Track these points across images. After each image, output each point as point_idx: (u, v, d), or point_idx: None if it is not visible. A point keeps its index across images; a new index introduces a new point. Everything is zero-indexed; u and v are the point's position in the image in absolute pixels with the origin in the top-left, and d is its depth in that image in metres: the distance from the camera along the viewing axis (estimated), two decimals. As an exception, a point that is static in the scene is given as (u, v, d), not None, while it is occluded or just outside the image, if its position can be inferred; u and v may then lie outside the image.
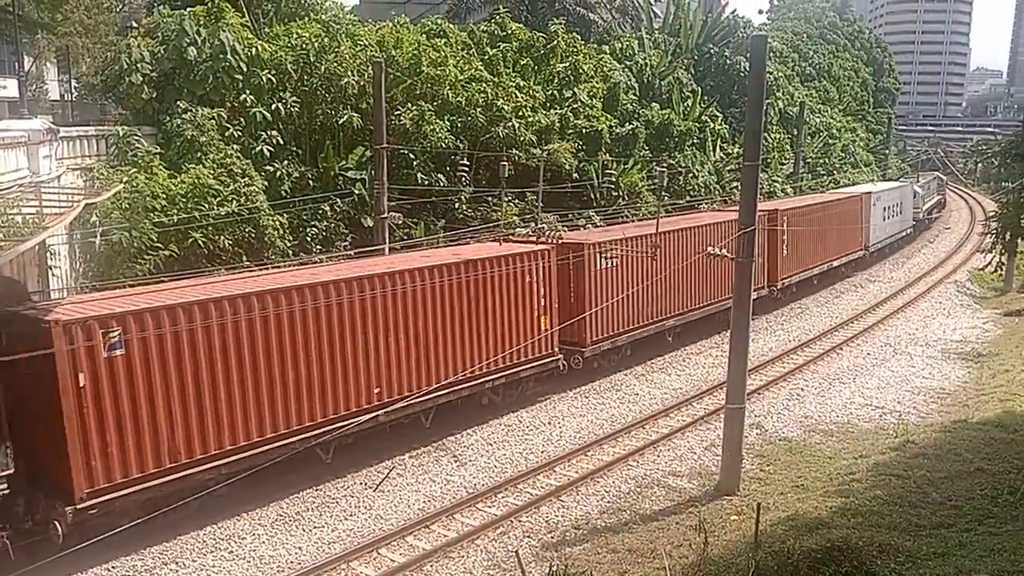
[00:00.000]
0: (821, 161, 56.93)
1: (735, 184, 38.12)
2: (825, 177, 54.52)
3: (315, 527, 14.42)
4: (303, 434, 15.18)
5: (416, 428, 18.01)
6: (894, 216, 45.93)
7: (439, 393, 17.51)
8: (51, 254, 17.24)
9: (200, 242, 20.23)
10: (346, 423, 15.69)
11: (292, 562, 13.24)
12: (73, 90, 41.74)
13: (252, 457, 14.39)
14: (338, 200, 24.31)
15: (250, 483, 14.37)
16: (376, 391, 16.40)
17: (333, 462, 16.38)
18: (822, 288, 35.87)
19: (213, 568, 13.08)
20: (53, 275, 17.50)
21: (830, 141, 60.26)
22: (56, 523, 12.31)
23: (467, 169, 27.29)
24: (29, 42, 37.25)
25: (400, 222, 23.46)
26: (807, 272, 33.70)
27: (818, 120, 60.37)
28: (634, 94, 37.85)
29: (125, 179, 19.83)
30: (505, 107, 28.52)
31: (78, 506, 12.36)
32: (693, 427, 19.20)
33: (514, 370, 19.57)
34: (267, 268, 19.37)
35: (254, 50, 24.27)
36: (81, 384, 12.34)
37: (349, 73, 25.34)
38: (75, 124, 28.38)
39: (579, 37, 37.19)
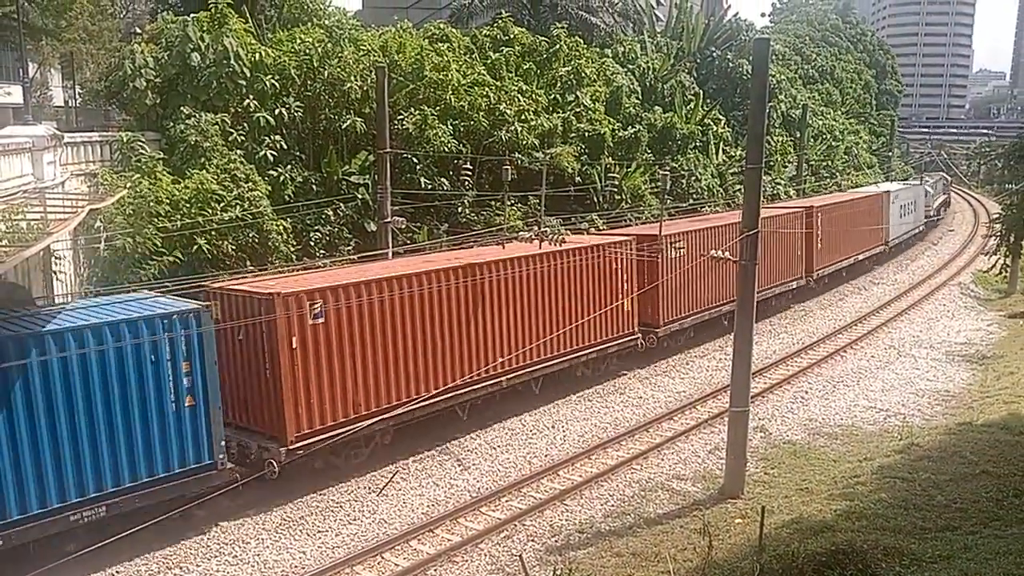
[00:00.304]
0: (824, 164, 56.87)
1: (738, 187, 38.12)
2: (828, 180, 54.46)
3: (319, 531, 14.42)
4: (447, 394, 17.71)
5: (424, 429, 18.15)
6: (909, 213, 48.54)
7: (548, 363, 20.56)
8: (56, 259, 17.29)
9: (204, 248, 20.25)
10: (478, 386, 18.67)
11: (296, 567, 13.25)
12: (77, 96, 41.83)
13: (411, 412, 16.99)
14: (341, 205, 24.31)
15: (254, 487, 14.40)
16: (501, 360, 19.05)
17: (345, 464, 16.45)
18: (827, 290, 35.86)
19: (217, 573, 13.09)
20: (58, 279, 17.55)
21: (833, 144, 60.17)
22: (272, 462, 14.73)
23: (470, 173, 27.27)
24: (33, 48, 37.44)
25: (403, 226, 23.46)
26: (838, 264, 36.56)
27: (821, 123, 60.31)
28: (636, 98, 37.82)
29: (129, 184, 19.84)
30: (508, 111, 28.51)
31: (289, 447, 14.92)
32: (697, 430, 19.18)
33: (603, 346, 22.27)
34: (271, 273, 19.39)
35: (257, 55, 24.29)
36: (293, 346, 14.91)
37: (352, 78, 25.35)
38: (79, 130, 28.42)
39: (581, 41, 37.16)
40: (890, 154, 76.16)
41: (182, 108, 22.87)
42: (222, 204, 20.97)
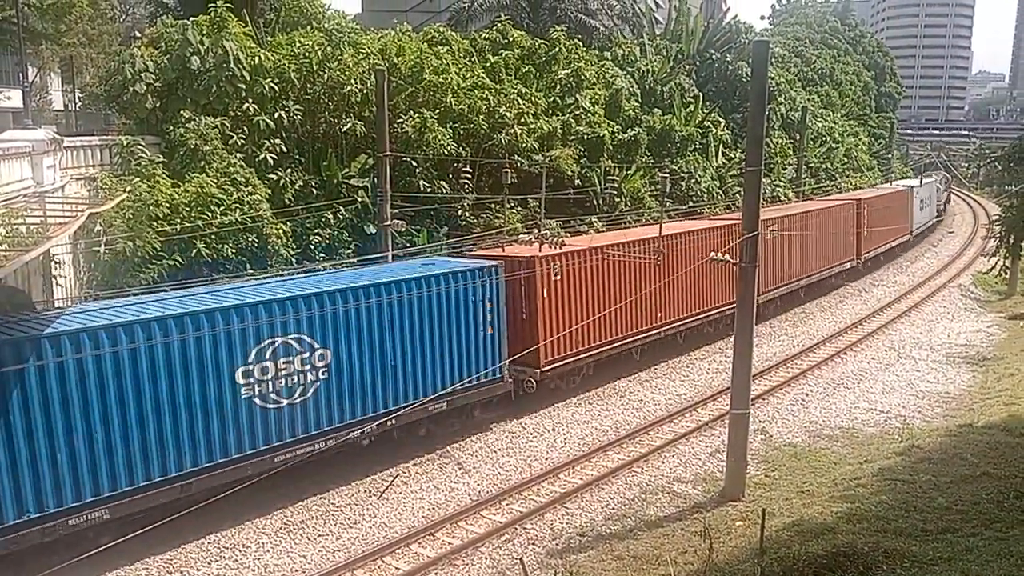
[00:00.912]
0: (823, 166, 56.90)
1: (738, 189, 38.13)
2: (827, 182, 54.47)
3: (319, 535, 14.41)
4: (626, 339, 22.90)
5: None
6: (926, 207, 54.19)
7: (689, 320, 25.55)
8: (55, 263, 17.29)
9: (203, 251, 20.25)
10: (647, 335, 23.70)
11: (296, 570, 13.24)
12: (77, 100, 41.90)
13: (607, 350, 22.22)
14: (341, 208, 24.32)
15: (255, 490, 14.38)
16: (659, 315, 24.02)
17: (334, 472, 16.43)
18: (829, 292, 35.88)
19: (218, 577, 13.08)
20: (58, 284, 17.55)
21: (832, 145, 60.20)
22: (530, 380, 19.85)
23: (469, 176, 27.28)
24: (33, 53, 37.44)
25: (403, 229, 23.47)
26: (878, 249, 41.50)
27: (820, 125, 60.32)
28: (636, 100, 37.83)
29: (128, 188, 19.85)
30: (507, 114, 28.49)
31: (541, 370, 19.92)
32: (698, 433, 19.16)
33: (721, 309, 26.66)
34: (272, 277, 19.39)
35: (257, 59, 24.30)
36: (543, 296, 19.76)
37: (352, 81, 25.36)
38: (79, 134, 28.45)
39: (581, 44, 37.17)
40: (890, 156, 76.23)
41: (182, 112, 22.89)
42: (222, 208, 20.99)
